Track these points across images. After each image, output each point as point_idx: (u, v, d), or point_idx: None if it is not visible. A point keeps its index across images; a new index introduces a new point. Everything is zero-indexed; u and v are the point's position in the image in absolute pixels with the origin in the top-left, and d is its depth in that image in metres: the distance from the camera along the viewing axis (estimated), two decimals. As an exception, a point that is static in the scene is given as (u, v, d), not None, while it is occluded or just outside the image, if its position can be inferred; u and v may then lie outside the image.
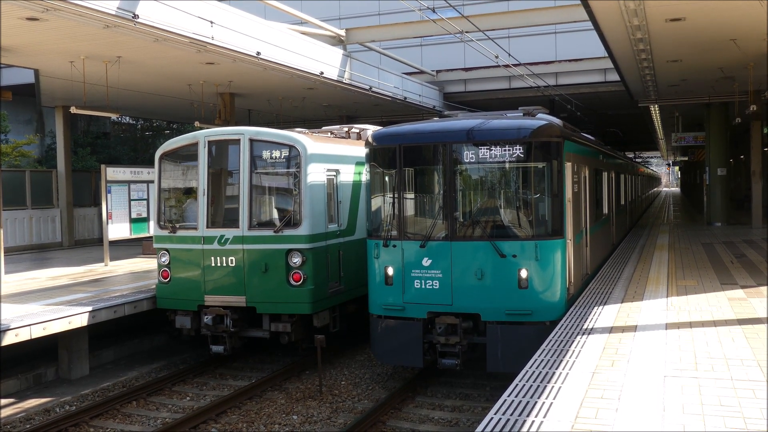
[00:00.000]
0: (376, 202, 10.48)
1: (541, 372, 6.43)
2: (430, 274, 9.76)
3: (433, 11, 15.23)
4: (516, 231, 9.69)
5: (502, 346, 9.52)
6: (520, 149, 9.46)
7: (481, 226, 9.76)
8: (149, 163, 17.69)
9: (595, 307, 9.41)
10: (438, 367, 9.97)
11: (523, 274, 9.43)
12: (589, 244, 12.49)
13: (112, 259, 17.09)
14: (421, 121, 10.83)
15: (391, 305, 10.07)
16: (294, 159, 11.32)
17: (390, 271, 10.07)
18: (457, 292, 9.65)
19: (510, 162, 9.59)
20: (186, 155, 12.13)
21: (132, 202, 17.16)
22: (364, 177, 10.85)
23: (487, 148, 9.55)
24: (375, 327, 10.36)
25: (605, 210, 16.04)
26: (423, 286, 9.81)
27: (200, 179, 11.70)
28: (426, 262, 9.78)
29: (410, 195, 10.32)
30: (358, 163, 12.94)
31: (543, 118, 10.06)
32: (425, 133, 10.14)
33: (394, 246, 10.01)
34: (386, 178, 10.35)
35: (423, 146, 10.09)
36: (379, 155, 10.40)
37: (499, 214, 9.89)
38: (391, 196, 10.22)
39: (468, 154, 9.67)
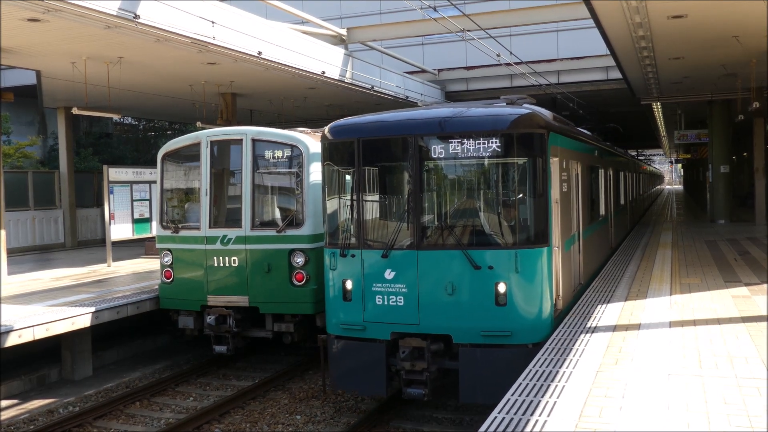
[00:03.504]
0: (332, 204, 9.26)
1: (544, 371, 6.41)
2: (393, 288, 8.56)
3: (435, 10, 15.21)
4: (493, 238, 8.47)
5: (477, 373, 8.28)
6: (497, 142, 8.19)
7: (453, 232, 8.53)
8: (151, 164, 17.68)
9: (599, 306, 9.38)
10: (403, 397, 8.73)
11: (502, 288, 8.18)
12: (582, 250, 11.31)
13: (114, 260, 17.10)
14: (387, 111, 9.54)
15: (349, 324, 8.85)
16: (296, 158, 11.31)
17: (348, 284, 8.85)
18: (425, 310, 8.42)
19: (486, 157, 8.34)
20: (188, 155, 12.14)
21: (134, 203, 17.17)
22: (320, 175, 9.66)
23: (459, 142, 8.29)
24: (332, 348, 9.12)
25: (602, 211, 14.96)
26: (385, 303, 8.59)
27: (203, 179, 11.70)
28: (389, 274, 8.56)
29: (371, 196, 9.08)
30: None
31: (526, 108, 8.77)
32: (388, 124, 8.88)
33: (353, 255, 8.78)
34: (344, 177, 9.11)
35: (386, 139, 8.85)
36: (336, 150, 9.17)
37: (474, 219, 8.67)
38: (349, 197, 8.94)
39: (437, 149, 8.41)
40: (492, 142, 8.22)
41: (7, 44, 13.70)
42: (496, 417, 5.28)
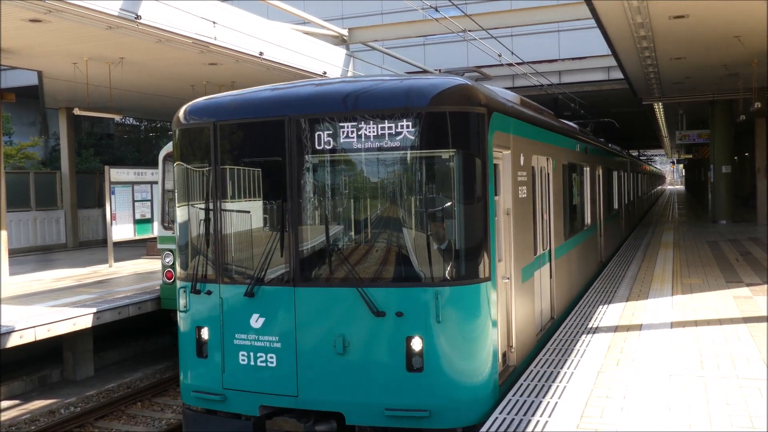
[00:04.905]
0: (183, 217, 6.80)
1: (546, 371, 6.41)
2: (262, 342, 6.10)
3: (436, 10, 15.21)
4: (403, 270, 5.94)
5: None
6: (408, 126, 5.74)
7: (345, 261, 5.95)
8: (153, 164, 17.70)
9: (600, 306, 9.37)
10: None
11: (416, 345, 5.72)
12: (555, 273, 9.05)
13: (116, 260, 17.10)
14: (265, 86, 6.97)
15: (205, 391, 6.41)
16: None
17: (204, 333, 6.42)
18: (306, 376, 5.97)
19: (394, 148, 5.80)
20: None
21: (136, 203, 17.19)
22: (169, 176, 6.99)
23: (355, 126, 5.83)
24: (186, 423, 6.75)
25: (587, 219, 12.67)
26: (252, 362, 6.14)
27: (203, 180, 11.67)
28: (256, 321, 6.12)
29: (235, 206, 6.50)
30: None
31: (459, 79, 6.32)
32: (259, 101, 6.39)
33: (209, 292, 6.38)
34: (199, 179, 6.60)
35: (254, 123, 6.27)
36: (188, 140, 6.67)
37: (375, 241, 6.10)
38: (204, 208, 6.50)
39: (325, 137, 5.92)
40: (402, 126, 5.74)
41: (8, 45, 13.71)
42: (497, 417, 5.28)
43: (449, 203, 5.86)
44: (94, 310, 11.08)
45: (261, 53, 15.55)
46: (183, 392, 6.70)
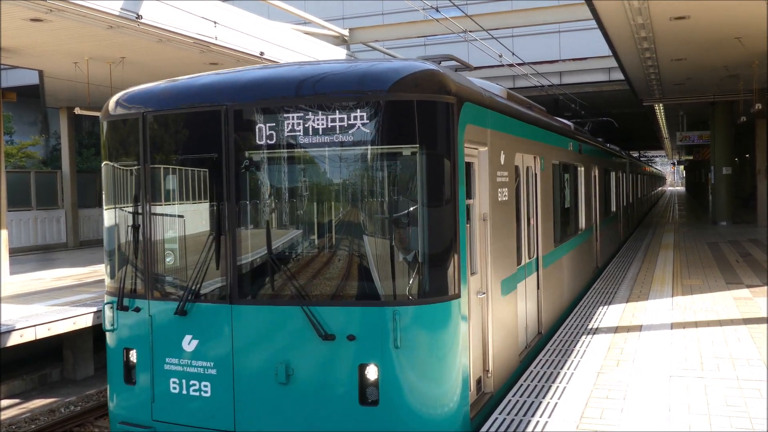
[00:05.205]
0: (110, 220, 6.03)
1: (545, 372, 6.41)
2: (195, 367, 5.34)
3: (437, 10, 15.21)
4: (356, 285, 5.13)
5: None
6: (363, 117, 4.95)
7: (290, 274, 5.17)
8: (153, 164, 17.66)
9: (600, 307, 9.37)
10: None
11: (371, 374, 4.95)
12: (543, 284, 8.33)
13: (116, 260, 17.09)
14: (210, 72, 6.10)
15: (132, 422, 5.67)
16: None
17: (133, 356, 5.68)
18: (245, 408, 5.22)
19: (346, 143, 5.02)
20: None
21: (136, 203, 17.18)
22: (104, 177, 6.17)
23: (301, 117, 5.03)
24: None
25: (582, 223, 12.04)
26: (184, 391, 5.39)
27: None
28: (189, 344, 5.36)
29: (167, 209, 5.72)
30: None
31: (426, 64, 5.41)
32: (195, 89, 5.57)
33: (137, 310, 5.62)
34: (128, 178, 5.83)
35: (187, 114, 5.48)
36: (115, 135, 5.89)
37: (324, 252, 5.26)
38: (132, 212, 5.75)
39: (267, 130, 5.13)
40: (356, 117, 4.96)
41: (9, 44, 13.72)
42: (497, 418, 5.28)
43: (411, 207, 5.05)
44: (95, 309, 11.08)
45: (262, 53, 15.55)
46: (111, 422, 5.90)
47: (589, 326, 8.22)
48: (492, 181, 6.28)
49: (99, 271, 15.95)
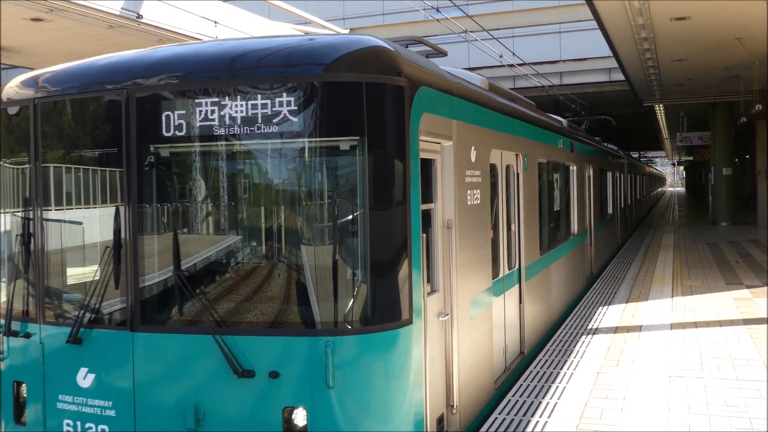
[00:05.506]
0: None
1: (545, 372, 6.41)
2: (91, 407, 4.43)
3: (438, 11, 15.22)
4: (280, 309, 4.21)
5: None
6: (291, 102, 4.04)
7: (202, 295, 4.26)
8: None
9: (600, 307, 9.38)
10: None
11: (298, 419, 4.05)
12: (525, 298, 7.41)
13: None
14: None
15: None
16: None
17: (24, 391, 4.74)
18: None
19: (269, 134, 4.10)
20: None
21: (136, 203, 17.19)
22: None
23: (215, 103, 4.13)
24: None
25: (574, 227, 11.26)
26: None
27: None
28: (84, 378, 4.45)
29: (60, 215, 4.83)
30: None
31: (373, 39, 4.42)
32: (95, 70, 4.66)
33: (27, 336, 4.68)
34: (14, 178, 4.95)
35: (83, 101, 4.55)
36: (4, 126, 5.00)
37: (244, 268, 4.34)
38: (22, 218, 4.81)
39: (176, 119, 4.20)
40: (281, 103, 4.04)
41: (10, 43, 13.73)
42: (496, 418, 5.28)
43: (349, 214, 4.08)
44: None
45: (262, 53, 15.57)
46: None
47: (589, 326, 8.22)
48: (459, 181, 5.31)
49: (99, 270, 15.93)
